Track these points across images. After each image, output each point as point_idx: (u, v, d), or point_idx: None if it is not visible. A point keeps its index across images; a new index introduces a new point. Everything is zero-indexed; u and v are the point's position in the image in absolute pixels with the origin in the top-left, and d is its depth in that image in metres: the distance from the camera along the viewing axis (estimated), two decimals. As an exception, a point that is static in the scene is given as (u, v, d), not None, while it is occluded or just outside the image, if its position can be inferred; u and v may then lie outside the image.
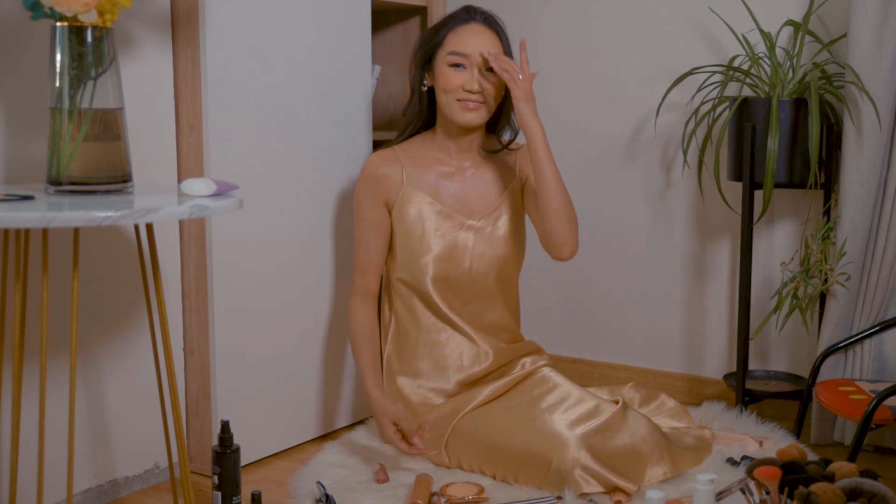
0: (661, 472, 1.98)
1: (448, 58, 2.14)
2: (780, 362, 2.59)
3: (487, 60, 2.12)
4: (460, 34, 2.15)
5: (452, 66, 2.14)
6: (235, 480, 1.90)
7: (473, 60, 2.13)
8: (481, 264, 2.20)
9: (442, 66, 2.15)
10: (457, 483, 1.99)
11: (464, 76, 2.13)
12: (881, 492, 1.51)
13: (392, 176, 2.20)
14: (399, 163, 2.21)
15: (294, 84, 2.27)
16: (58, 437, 1.89)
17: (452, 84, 2.13)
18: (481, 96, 2.14)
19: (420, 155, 2.23)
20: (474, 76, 2.13)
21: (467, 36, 2.14)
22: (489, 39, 2.15)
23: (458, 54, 2.13)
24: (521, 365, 2.22)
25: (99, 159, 1.67)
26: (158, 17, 2.07)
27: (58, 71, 1.63)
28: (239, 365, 2.19)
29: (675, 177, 2.68)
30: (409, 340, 2.24)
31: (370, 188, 2.21)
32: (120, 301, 2.05)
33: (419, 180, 2.21)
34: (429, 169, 2.22)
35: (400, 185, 2.20)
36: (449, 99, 2.14)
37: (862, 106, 2.18)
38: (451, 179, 2.23)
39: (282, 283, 2.28)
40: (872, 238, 2.27)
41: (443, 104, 2.17)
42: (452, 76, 2.13)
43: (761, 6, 2.44)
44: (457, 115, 2.15)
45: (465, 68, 2.13)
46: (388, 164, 2.21)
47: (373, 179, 2.20)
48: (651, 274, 2.75)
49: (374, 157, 2.23)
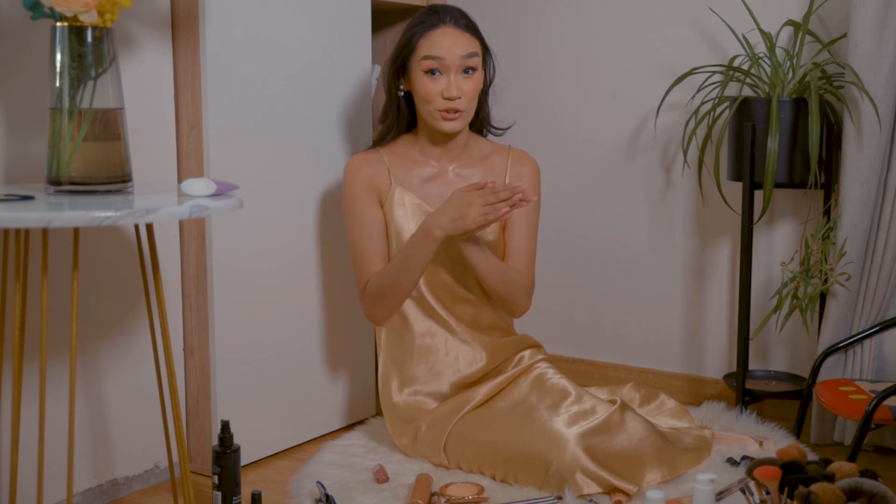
0: (660, 475, 1.98)
1: (422, 64, 2.11)
2: (780, 362, 2.59)
3: (464, 62, 2.09)
4: (432, 39, 2.11)
5: (428, 72, 2.11)
6: (235, 480, 1.90)
7: (449, 63, 2.10)
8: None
9: (417, 73, 2.12)
10: (457, 483, 1.99)
11: (441, 83, 2.10)
12: (881, 492, 1.51)
13: (379, 175, 2.18)
14: (384, 164, 2.19)
15: (294, 84, 2.27)
16: (58, 437, 1.89)
17: (430, 93, 2.10)
18: (461, 102, 2.10)
19: (404, 157, 2.21)
20: (452, 81, 2.10)
21: (439, 39, 2.11)
22: (463, 40, 2.12)
23: (432, 58, 2.09)
24: (518, 359, 2.21)
25: (99, 159, 1.67)
26: (158, 17, 2.07)
27: (58, 71, 1.63)
28: (239, 365, 2.19)
29: (675, 177, 2.68)
30: (402, 347, 2.22)
31: (360, 186, 2.17)
32: (120, 301, 2.05)
33: (406, 181, 2.19)
34: (413, 170, 2.20)
35: (388, 186, 2.18)
36: (430, 109, 2.12)
37: (862, 106, 2.18)
38: (436, 181, 2.21)
39: (282, 282, 2.28)
40: (872, 238, 2.27)
41: (423, 113, 2.15)
42: (429, 85, 2.10)
43: (761, 6, 2.44)
44: (438, 125, 2.13)
45: (441, 74, 2.11)
46: (372, 165, 2.18)
47: (361, 178, 2.17)
48: (651, 274, 2.75)
49: (357, 158, 2.20)
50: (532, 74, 2.88)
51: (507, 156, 2.26)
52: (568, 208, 2.82)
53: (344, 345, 2.47)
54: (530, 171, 2.27)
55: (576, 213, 2.83)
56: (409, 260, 2.11)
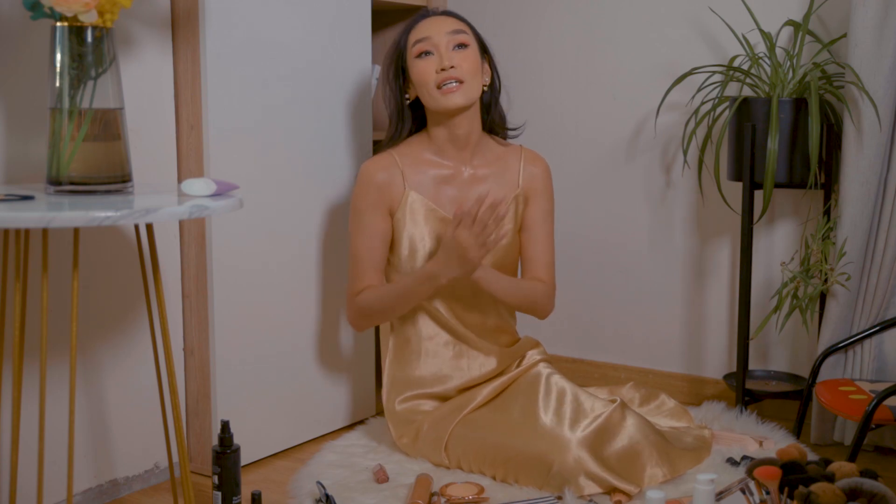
0: (661, 474, 1.98)
1: (413, 49, 2.14)
2: (780, 362, 2.59)
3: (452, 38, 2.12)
4: (418, 27, 2.16)
5: (419, 56, 2.13)
6: (235, 480, 1.90)
7: (437, 41, 2.12)
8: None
9: (411, 62, 2.15)
10: (457, 483, 1.99)
11: (433, 61, 2.12)
12: (881, 492, 1.51)
13: (393, 182, 2.16)
14: (398, 167, 2.17)
15: (294, 84, 2.27)
16: (58, 437, 1.89)
17: (426, 74, 2.12)
18: (456, 72, 2.11)
19: (418, 159, 2.20)
20: (443, 54, 2.11)
21: (426, 24, 2.16)
22: (448, 22, 2.16)
23: (421, 40, 2.13)
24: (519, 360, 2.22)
25: (99, 159, 1.67)
26: (158, 17, 2.07)
27: (58, 71, 1.63)
28: (239, 365, 2.19)
29: (675, 177, 2.68)
30: (409, 349, 2.22)
31: (371, 196, 2.16)
32: (120, 301, 2.05)
33: (419, 185, 2.18)
34: (426, 172, 2.19)
35: (401, 191, 2.17)
36: (429, 90, 2.12)
37: (862, 106, 2.18)
38: (450, 183, 2.21)
39: (282, 282, 2.28)
40: (872, 238, 2.27)
41: (427, 100, 2.14)
42: (423, 66, 2.12)
43: (761, 6, 2.44)
44: (441, 103, 2.12)
45: (432, 54, 2.13)
46: (386, 170, 2.17)
47: (373, 187, 2.16)
48: (651, 274, 2.75)
49: (371, 163, 2.18)
50: (532, 74, 2.88)
51: (519, 156, 2.26)
52: (568, 208, 2.82)
53: (344, 345, 2.47)
54: (542, 172, 2.27)
55: (576, 213, 2.83)
56: (406, 295, 2.12)
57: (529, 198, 2.25)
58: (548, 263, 2.26)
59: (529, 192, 2.24)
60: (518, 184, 2.24)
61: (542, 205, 2.25)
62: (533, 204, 2.25)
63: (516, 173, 2.25)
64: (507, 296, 2.16)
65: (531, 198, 2.25)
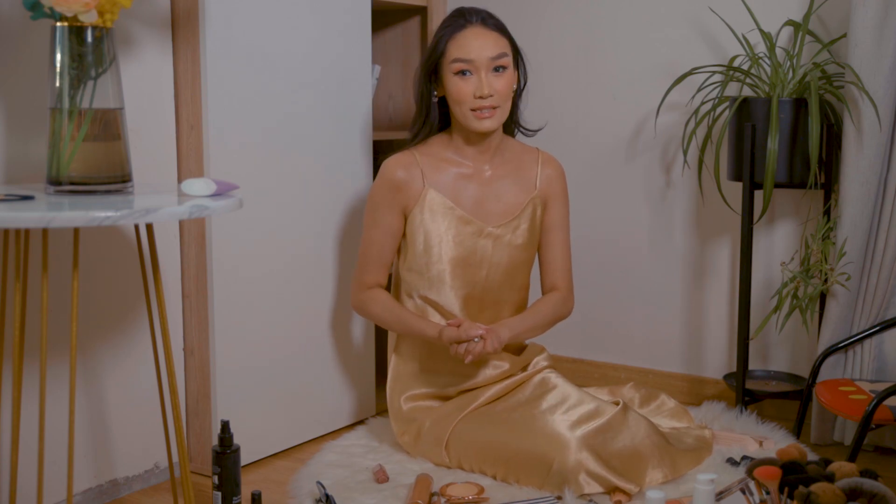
0: (661, 475, 1.98)
1: (452, 66, 2.12)
2: (780, 362, 2.59)
3: (493, 62, 2.10)
4: (460, 40, 2.12)
5: (458, 73, 2.12)
6: (235, 480, 1.90)
7: (479, 64, 2.11)
8: (498, 272, 2.20)
9: (448, 75, 2.13)
10: (457, 483, 1.99)
11: (472, 83, 2.11)
12: (881, 492, 1.51)
13: (412, 181, 2.17)
14: (418, 167, 2.18)
15: (294, 84, 2.27)
16: (58, 437, 1.89)
17: (463, 94, 2.11)
18: (494, 99, 2.11)
19: (438, 157, 2.20)
20: (483, 80, 2.10)
21: (469, 40, 2.12)
22: (492, 40, 2.13)
23: (462, 61, 2.11)
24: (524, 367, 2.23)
25: (99, 159, 1.67)
26: (158, 17, 2.07)
27: (58, 71, 1.63)
28: (239, 365, 2.19)
29: (675, 177, 2.68)
30: (416, 344, 2.22)
31: (389, 194, 2.17)
32: (120, 301, 2.05)
33: (439, 183, 2.18)
34: (447, 171, 2.20)
35: (420, 190, 2.17)
36: (463, 110, 2.12)
37: (862, 106, 2.18)
38: (470, 182, 2.21)
39: (282, 282, 2.28)
40: (872, 238, 2.27)
41: (457, 114, 2.15)
42: (461, 86, 2.11)
43: (761, 6, 2.44)
44: (474, 125, 2.13)
45: (471, 74, 2.11)
46: (406, 169, 2.17)
47: (392, 185, 2.17)
48: (651, 274, 2.75)
49: (393, 161, 2.19)
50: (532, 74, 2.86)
51: (536, 158, 2.27)
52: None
53: (344, 345, 2.47)
54: (558, 175, 2.29)
55: (576, 213, 2.83)
56: (407, 328, 2.17)
57: (547, 201, 2.26)
58: (565, 269, 2.29)
59: (547, 196, 2.26)
60: (535, 186, 2.25)
61: (559, 209, 2.28)
62: (551, 209, 2.27)
63: (534, 175, 2.26)
64: (530, 330, 2.20)
65: (549, 202, 2.26)
